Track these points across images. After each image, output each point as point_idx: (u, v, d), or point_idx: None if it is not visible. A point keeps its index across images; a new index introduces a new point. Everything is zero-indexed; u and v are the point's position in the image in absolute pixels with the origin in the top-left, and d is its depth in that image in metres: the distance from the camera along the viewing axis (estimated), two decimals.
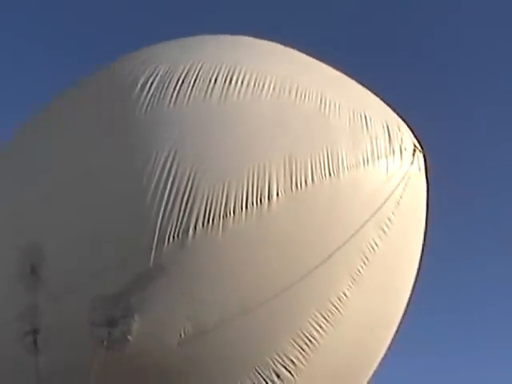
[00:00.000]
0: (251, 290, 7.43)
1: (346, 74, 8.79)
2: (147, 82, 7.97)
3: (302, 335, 7.57)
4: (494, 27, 27.01)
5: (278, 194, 7.41)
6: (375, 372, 8.93)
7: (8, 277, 8.27)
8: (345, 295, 7.69)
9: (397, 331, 8.83)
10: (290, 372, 7.64)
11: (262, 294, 7.41)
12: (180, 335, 7.47)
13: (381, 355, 8.80)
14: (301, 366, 7.64)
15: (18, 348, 8.11)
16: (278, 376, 7.63)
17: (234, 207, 7.34)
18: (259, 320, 7.46)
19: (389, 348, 8.91)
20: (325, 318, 7.62)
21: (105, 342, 7.49)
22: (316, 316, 7.59)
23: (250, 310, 7.38)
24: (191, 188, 7.37)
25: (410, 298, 8.74)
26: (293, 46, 8.98)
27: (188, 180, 7.40)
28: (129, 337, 7.50)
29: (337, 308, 7.66)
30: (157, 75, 8.00)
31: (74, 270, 7.77)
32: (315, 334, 7.60)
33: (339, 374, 8.10)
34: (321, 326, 7.61)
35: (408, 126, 8.30)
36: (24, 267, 8.06)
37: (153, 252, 7.35)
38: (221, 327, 7.40)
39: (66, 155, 8.26)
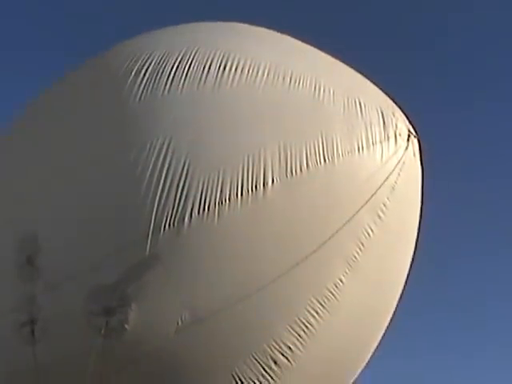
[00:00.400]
0: (247, 276, 7.44)
1: (341, 60, 8.77)
2: (141, 70, 7.95)
3: (298, 322, 7.57)
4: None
5: (273, 181, 7.40)
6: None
7: (4, 267, 8.26)
8: (341, 281, 7.69)
9: (392, 318, 8.85)
10: (286, 358, 7.64)
11: (258, 280, 7.41)
12: (177, 323, 7.47)
13: (376, 342, 8.83)
14: (298, 352, 7.64)
15: (16, 339, 8.12)
16: (275, 362, 7.64)
17: (230, 194, 7.34)
18: (256, 307, 7.46)
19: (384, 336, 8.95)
20: (321, 305, 7.62)
21: (102, 331, 7.49)
22: (312, 302, 7.60)
23: (246, 296, 7.38)
24: (186, 176, 7.37)
25: (405, 285, 8.76)
26: (288, 34, 8.96)
27: (183, 168, 7.40)
28: (126, 326, 7.50)
29: (333, 294, 7.66)
30: (151, 63, 7.98)
31: (71, 260, 7.78)
32: (312, 320, 7.61)
33: (335, 359, 8.12)
34: (317, 313, 7.62)
35: (403, 111, 8.29)
36: (20, 257, 8.06)
37: (149, 241, 7.35)
38: (218, 314, 7.40)
39: (62, 144, 8.25)
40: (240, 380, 7.69)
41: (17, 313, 8.08)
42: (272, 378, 7.70)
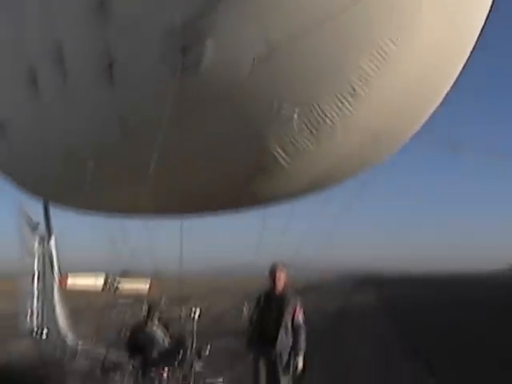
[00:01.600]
0: (322, 3, 7.30)
1: None
2: None
3: (375, 50, 7.36)
4: None
5: None
6: None
7: (79, 14, 8.30)
8: (418, 12, 7.46)
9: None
10: (362, 88, 7.61)
11: (330, 8, 7.25)
12: (252, 58, 7.43)
13: (452, 80, 8.67)
14: (374, 81, 7.53)
15: (96, 83, 8.30)
16: (352, 93, 7.61)
17: None
18: (331, 35, 7.27)
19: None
20: (398, 32, 7.40)
21: (178, 70, 7.53)
22: (388, 31, 7.35)
23: (321, 24, 7.25)
24: None
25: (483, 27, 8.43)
26: None
27: None
28: (202, 63, 7.51)
29: (410, 23, 7.41)
30: None
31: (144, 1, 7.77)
32: (390, 47, 7.33)
33: (410, 90, 8.00)
34: (393, 42, 7.42)
35: None
36: (93, 2, 8.07)
37: None
38: (292, 44, 7.31)
39: None
40: (317, 113, 7.78)
41: (95, 58, 8.21)
42: (349, 110, 7.70)
